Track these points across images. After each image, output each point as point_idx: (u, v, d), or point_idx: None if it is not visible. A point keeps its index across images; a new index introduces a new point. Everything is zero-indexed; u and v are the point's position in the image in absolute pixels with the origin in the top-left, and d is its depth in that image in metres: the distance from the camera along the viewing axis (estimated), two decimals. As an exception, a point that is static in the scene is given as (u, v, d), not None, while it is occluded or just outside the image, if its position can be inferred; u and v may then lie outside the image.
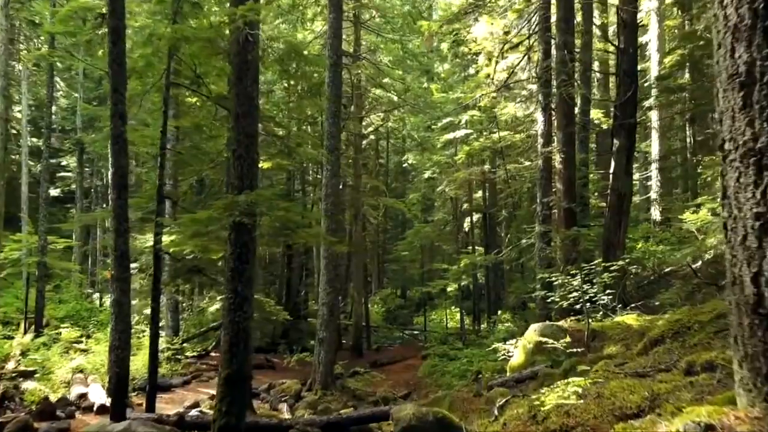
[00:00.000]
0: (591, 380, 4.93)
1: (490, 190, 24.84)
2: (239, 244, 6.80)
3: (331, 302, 14.13)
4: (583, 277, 7.92)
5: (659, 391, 3.23)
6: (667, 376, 3.61)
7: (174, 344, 15.84)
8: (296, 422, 8.12)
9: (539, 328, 8.55)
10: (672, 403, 2.89)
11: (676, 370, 3.82)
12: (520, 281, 18.78)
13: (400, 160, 36.09)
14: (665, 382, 3.42)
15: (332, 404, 13.54)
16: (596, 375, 4.66)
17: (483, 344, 17.90)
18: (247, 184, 6.89)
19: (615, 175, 12.13)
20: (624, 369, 4.54)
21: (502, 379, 7.92)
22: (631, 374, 4.19)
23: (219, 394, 6.63)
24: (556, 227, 12.51)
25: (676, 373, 3.64)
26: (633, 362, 4.92)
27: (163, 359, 15.15)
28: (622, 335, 7.84)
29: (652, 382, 3.54)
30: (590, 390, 3.54)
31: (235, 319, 6.72)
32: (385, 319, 31.04)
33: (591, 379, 4.96)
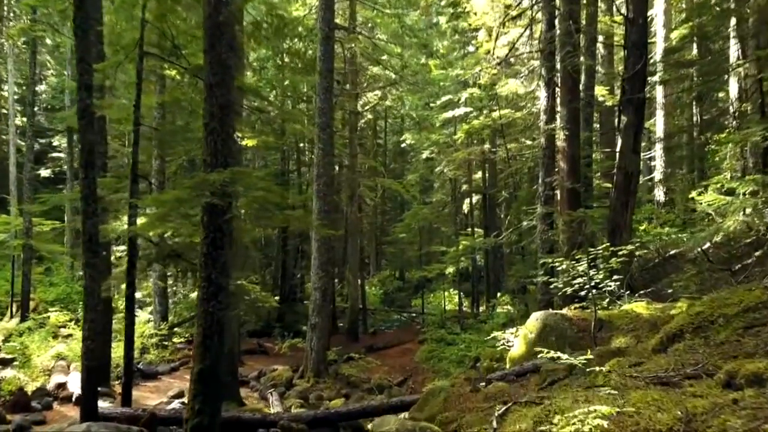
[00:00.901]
0: (602, 381, 4.34)
1: (490, 170, 24.15)
2: (213, 228, 6.18)
3: (324, 286, 13.58)
4: (589, 261, 7.31)
5: (695, 410, 2.64)
6: (699, 386, 3.02)
7: (161, 330, 15.31)
8: (280, 417, 7.58)
9: (541, 316, 7.97)
10: (715, 429, 2.30)
11: (710, 380, 3.23)
12: (520, 264, 18.20)
13: (398, 140, 35.31)
14: (700, 397, 2.83)
15: (325, 392, 13.06)
16: (609, 379, 4.07)
17: (481, 329, 17.40)
18: (221, 161, 6.24)
19: (622, 154, 11.45)
20: (642, 372, 3.95)
21: (501, 373, 7.35)
22: (652, 380, 3.60)
23: (191, 391, 6.06)
24: (559, 209, 11.88)
25: (711, 384, 3.05)
26: (650, 362, 4.34)
27: (150, 345, 14.65)
28: (631, 325, 7.26)
29: (683, 394, 2.95)
30: (607, 402, 2.95)
31: (209, 309, 6.13)
32: (382, 302, 30.57)
33: (602, 380, 4.38)
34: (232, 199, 5.95)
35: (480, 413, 5.58)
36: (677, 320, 5.18)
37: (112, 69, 9.23)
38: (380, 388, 13.73)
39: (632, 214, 11.65)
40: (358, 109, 21.20)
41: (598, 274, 7.77)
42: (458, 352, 15.93)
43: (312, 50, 18.77)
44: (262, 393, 12.27)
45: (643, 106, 11.69)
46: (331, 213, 15.69)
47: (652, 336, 6.43)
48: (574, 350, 7.46)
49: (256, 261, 30.33)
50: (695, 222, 20.73)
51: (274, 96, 24.19)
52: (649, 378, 3.68)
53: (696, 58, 19.06)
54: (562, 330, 7.66)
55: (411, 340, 20.32)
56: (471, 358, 15.05)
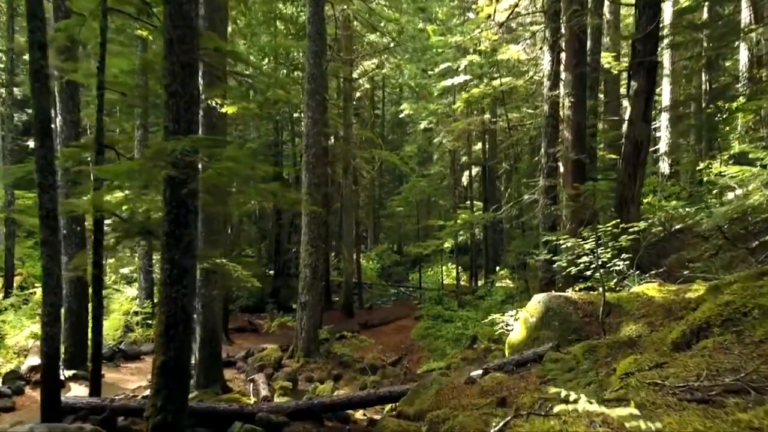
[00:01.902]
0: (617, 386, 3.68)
1: (490, 141, 23.33)
2: (176, 204, 5.47)
3: (314, 263, 12.93)
4: (597, 239, 6.62)
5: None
6: (754, 411, 2.35)
7: (145, 308, 14.71)
8: (259, 408, 6.98)
9: (543, 299, 7.31)
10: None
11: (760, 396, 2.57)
12: (520, 239, 17.55)
13: (397, 111, 34.33)
14: (758, 430, 2.17)
15: (315, 373, 12.52)
16: (627, 387, 3.41)
17: (479, 306, 16.85)
18: (184, 128, 5.49)
19: (631, 122, 10.67)
20: (667, 379, 3.28)
21: (499, 362, 6.72)
22: (683, 393, 2.94)
23: (153, 385, 5.42)
24: (563, 181, 11.15)
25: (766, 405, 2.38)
26: (675, 363, 3.66)
27: (134, 324, 14.08)
28: (642, 310, 6.60)
29: (734, 424, 2.29)
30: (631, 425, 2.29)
31: (172, 294, 5.46)
32: (379, 276, 30.02)
33: (617, 385, 3.72)
34: (195, 172, 5.21)
35: (475, 413, 4.95)
36: (703, 311, 4.50)
37: (77, 28, 8.37)
38: (373, 368, 13.19)
39: (641, 186, 10.94)
40: (353, 77, 20.25)
41: (606, 253, 7.10)
42: (455, 330, 15.40)
43: (305, 15, 17.79)
44: (249, 374, 11.72)
45: (655, 70, 10.88)
46: (323, 186, 14.97)
47: (668, 324, 5.77)
48: (579, 337, 6.83)
49: (251, 234, 29.75)
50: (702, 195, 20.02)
51: (266, 64, 23.25)
52: (679, 389, 3.01)
53: (707, 21, 18.11)
54: (566, 314, 7.01)
55: (407, 316, 19.79)
56: (468, 337, 14.52)
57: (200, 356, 9.90)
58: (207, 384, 9.81)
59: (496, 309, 15.39)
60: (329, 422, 7.14)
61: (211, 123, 9.75)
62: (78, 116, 10.80)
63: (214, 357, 10.02)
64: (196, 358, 10.05)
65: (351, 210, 20.77)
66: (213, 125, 9.77)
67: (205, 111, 9.74)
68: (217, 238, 9.87)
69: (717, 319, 4.26)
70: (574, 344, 6.61)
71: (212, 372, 9.95)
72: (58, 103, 10.62)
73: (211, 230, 9.72)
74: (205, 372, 9.87)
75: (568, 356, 5.72)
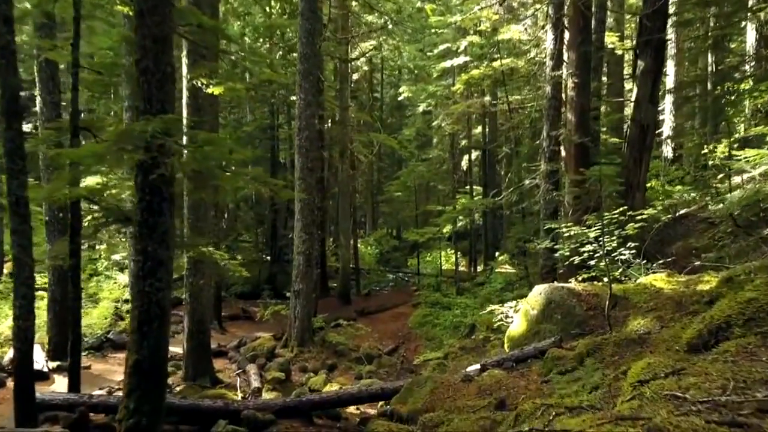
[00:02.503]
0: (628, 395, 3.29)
1: (490, 124, 22.82)
2: (148, 190, 5.04)
3: (308, 250, 12.53)
4: (603, 227, 6.22)
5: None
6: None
7: (133, 297, 14.31)
8: (245, 406, 6.63)
9: (545, 291, 6.92)
10: None
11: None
12: (520, 224, 17.15)
13: (395, 94, 33.73)
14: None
15: (309, 363, 12.18)
16: (641, 398, 3.02)
17: (478, 293, 16.50)
18: (157, 108, 5.04)
19: (638, 104, 10.22)
20: (688, 390, 2.89)
21: (498, 358, 6.35)
22: (709, 411, 2.55)
23: (126, 386, 5.05)
24: (565, 166, 10.72)
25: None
26: (694, 369, 3.27)
27: (124, 312, 13.72)
28: (651, 303, 6.21)
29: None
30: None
31: (146, 288, 5.06)
32: (378, 261, 29.68)
33: (628, 394, 3.33)
34: (167, 157, 4.78)
35: (472, 417, 4.58)
36: (721, 308, 4.11)
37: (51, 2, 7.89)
38: (369, 358, 12.86)
39: (647, 171, 10.52)
40: (350, 58, 19.69)
41: (611, 241, 6.71)
42: (453, 318, 15.05)
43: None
44: (240, 365, 11.37)
45: (664, 49, 10.42)
46: (318, 171, 14.53)
47: (679, 319, 5.39)
48: (582, 331, 6.46)
49: (248, 219, 29.34)
50: (707, 179, 19.57)
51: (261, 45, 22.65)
52: (703, 405, 2.63)
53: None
54: (569, 307, 6.62)
55: (405, 303, 19.45)
56: (466, 326, 14.18)
57: (188, 347, 9.55)
58: (195, 376, 9.47)
59: (495, 296, 15.05)
60: (319, 419, 6.79)
61: (197, 105, 9.28)
62: (59, 97, 10.32)
63: (203, 348, 9.66)
64: (184, 349, 9.71)
65: (348, 195, 20.34)
66: (199, 107, 9.30)
67: (192, 92, 9.28)
68: (205, 225, 9.46)
69: (738, 318, 3.86)
70: (577, 339, 6.24)
71: (201, 363, 9.61)
72: (37, 83, 10.15)
73: (198, 217, 9.31)
74: (193, 364, 9.52)
75: (572, 353, 5.34)
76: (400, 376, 12.44)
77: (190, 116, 9.27)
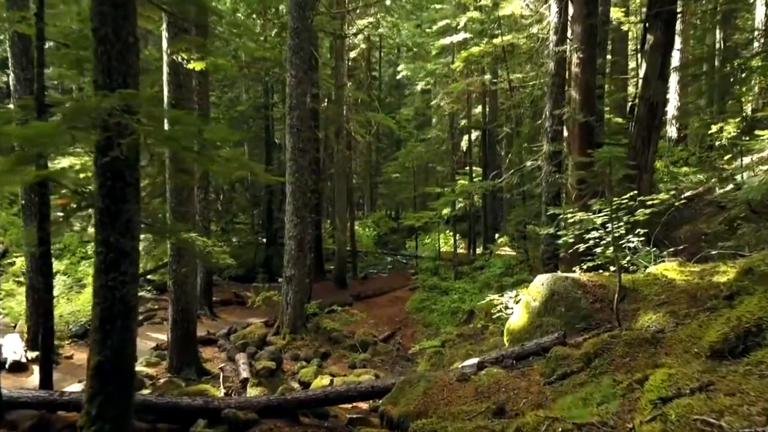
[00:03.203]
0: (648, 416, 2.82)
1: (490, 103, 22.16)
2: (110, 174, 4.54)
3: (300, 235, 12.05)
4: (612, 212, 5.72)
5: None
6: None
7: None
8: (227, 404, 6.20)
9: (548, 281, 6.45)
10: None
11: None
12: (521, 207, 16.65)
13: (394, 73, 32.99)
14: None
15: (302, 351, 11.79)
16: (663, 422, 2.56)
17: (477, 278, 16.06)
18: (117, 81, 4.51)
19: (646, 80, 9.67)
20: (721, 416, 2.43)
21: (497, 354, 5.90)
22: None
23: (88, 390, 4.60)
24: (569, 147, 10.18)
25: None
26: (723, 385, 2.81)
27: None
28: (663, 296, 5.75)
29: None
30: None
31: (109, 283, 4.58)
32: (376, 244, 29.25)
33: (648, 414, 2.86)
34: (124, 137, 4.25)
35: (468, 425, 4.13)
36: (749, 308, 3.64)
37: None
38: (364, 345, 12.47)
39: (655, 152, 10.01)
40: (345, 33, 18.99)
41: (619, 228, 6.21)
42: (451, 304, 14.64)
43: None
44: (230, 353, 10.96)
45: (674, 22, 9.82)
46: (310, 152, 13.99)
47: (695, 315, 4.92)
48: (588, 326, 6.00)
49: (243, 201, 28.85)
50: (713, 160, 19.03)
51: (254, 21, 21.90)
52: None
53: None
54: (574, 299, 6.16)
55: (402, 287, 19.04)
56: (464, 311, 13.77)
57: (172, 337, 9.13)
58: (180, 367, 9.06)
59: (494, 281, 14.61)
60: (305, 418, 6.37)
61: (178, 82, 8.71)
62: (33, 73, 9.72)
63: (188, 337, 9.23)
64: (169, 339, 9.29)
65: (344, 176, 19.81)
66: (180, 84, 8.73)
67: (173, 68, 8.72)
68: (189, 210, 8.96)
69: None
70: (582, 334, 5.79)
71: (186, 354, 9.18)
72: (9, 58, 9.56)
73: (181, 201, 8.79)
74: (178, 354, 9.10)
75: (578, 353, 4.88)
76: (396, 364, 12.10)
77: (171, 94, 8.73)
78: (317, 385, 8.25)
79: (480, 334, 11.12)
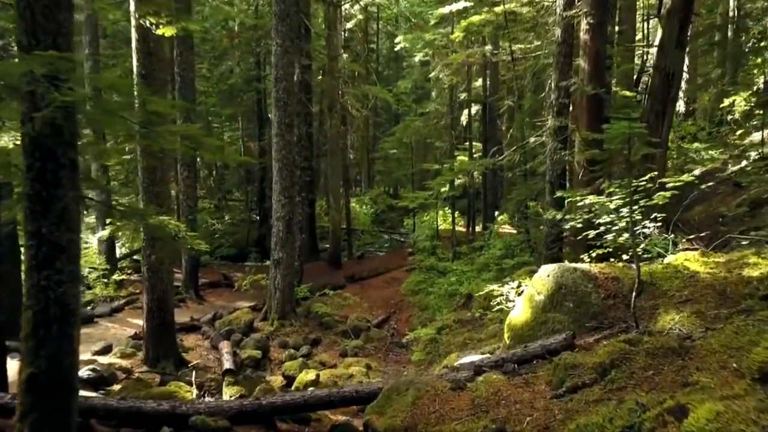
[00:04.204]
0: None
1: (491, 76, 21.23)
2: (39, 155, 3.82)
3: (288, 215, 11.36)
4: (631, 196, 5.01)
5: None
6: None
7: (100, 265, 13.21)
8: (195, 409, 5.57)
9: (554, 273, 5.77)
10: None
11: None
12: (522, 185, 15.88)
13: (392, 45, 31.91)
14: None
15: (290, 338, 11.19)
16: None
17: (475, 259, 15.40)
18: (47, 43, 3.76)
19: (663, 49, 8.86)
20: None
21: (497, 357, 5.25)
22: None
23: (19, 407, 3.94)
24: (577, 121, 9.42)
25: None
26: None
27: (91, 281, 12.64)
28: (685, 291, 5.07)
29: None
30: None
31: (41, 282, 3.90)
32: (373, 221, 28.53)
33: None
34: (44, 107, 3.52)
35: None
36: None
37: None
38: (356, 331, 11.88)
39: (670, 127, 9.25)
40: (339, 0, 18.02)
41: (636, 213, 5.51)
42: (448, 287, 14.00)
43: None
44: (214, 341, 10.36)
45: (694, -16, 8.96)
46: (300, 127, 13.21)
47: (728, 318, 4.25)
48: (600, 324, 5.33)
49: (237, 177, 28.09)
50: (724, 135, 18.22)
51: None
52: None
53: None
54: (583, 294, 5.48)
55: (399, 267, 18.41)
56: (462, 295, 13.15)
57: (148, 327, 8.50)
58: (157, 359, 8.45)
59: (493, 263, 13.96)
60: (283, 424, 5.76)
61: (148, 50, 7.90)
62: None
63: (165, 327, 8.60)
64: (144, 329, 8.66)
65: (338, 152, 19.01)
66: (151, 52, 7.93)
67: (142, 35, 7.91)
68: (162, 190, 8.24)
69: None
70: (594, 334, 5.13)
71: (163, 345, 8.57)
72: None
73: (153, 181, 8.07)
74: (154, 345, 8.48)
75: (591, 361, 4.22)
76: (390, 351, 11.51)
77: (140, 63, 7.94)
78: (302, 380, 7.63)
79: (479, 320, 10.50)
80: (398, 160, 27.39)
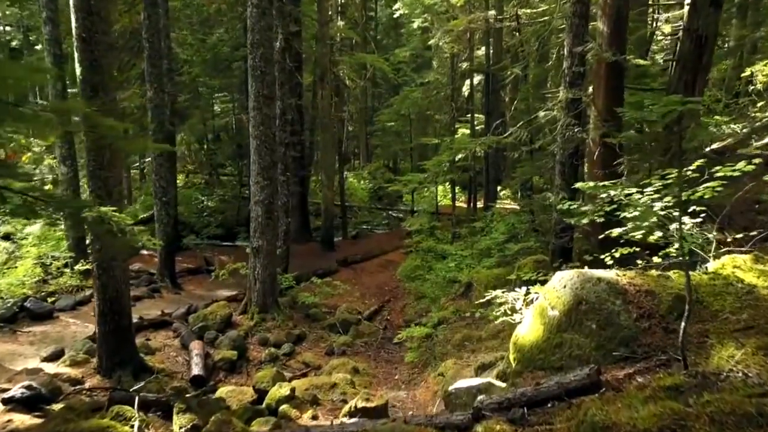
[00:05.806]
0: None
1: (494, 44, 19.80)
2: None
3: (268, 199, 10.22)
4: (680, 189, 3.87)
5: None
6: None
7: (62, 251, 12.10)
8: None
9: (573, 283, 4.65)
10: None
11: None
12: (527, 161, 14.67)
13: (392, 12, 30.26)
14: None
15: (272, 333, 10.15)
16: None
17: (476, 243, 14.27)
18: None
19: (694, 7, 7.58)
20: None
21: (500, 397, 4.13)
22: None
23: None
24: (594, 92, 8.19)
25: None
26: None
27: (54, 271, 11.56)
28: (743, 314, 3.95)
29: None
30: None
31: None
32: (371, 198, 27.35)
33: None
34: None
35: None
36: None
37: None
38: (345, 325, 10.86)
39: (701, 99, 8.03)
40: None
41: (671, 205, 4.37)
42: (446, 274, 12.93)
43: None
44: (185, 340, 9.33)
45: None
46: (278, 98, 11.95)
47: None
48: (632, 353, 4.21)
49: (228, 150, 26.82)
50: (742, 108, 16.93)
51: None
52: None
53: None
54: (610, 312, 4.36)
55: (396, 249, 17.35)
56: (462, 283, 12.09)
57: (101, 333, 7.44)
58: (112, 367, 7.42)
59: (495, 248, 12.84)
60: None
61: (89, 8, 6.65)
62: None
63: (121, 332, 7.53)
64: (97, 335, 7.61)
65: (330, 126, 17.74)
66: (92, 12, 6.67)
67: (83, -10, 6.66)
68: (111, 175, 7.08)
69: None
70: (625, 367, 4.04)
71: (120, 351, 7.51)
72: None
73: (101, 164, 6.91)
74: (108, 353, 7.43)
75: (628, 427, 3.11)
76: (381, 349, 10.47)
77: (79, 24, 6.70)
78: (274, 395, 6.59)
79: (479, 321, 9.44)
80: (397, 133, 26.08)
